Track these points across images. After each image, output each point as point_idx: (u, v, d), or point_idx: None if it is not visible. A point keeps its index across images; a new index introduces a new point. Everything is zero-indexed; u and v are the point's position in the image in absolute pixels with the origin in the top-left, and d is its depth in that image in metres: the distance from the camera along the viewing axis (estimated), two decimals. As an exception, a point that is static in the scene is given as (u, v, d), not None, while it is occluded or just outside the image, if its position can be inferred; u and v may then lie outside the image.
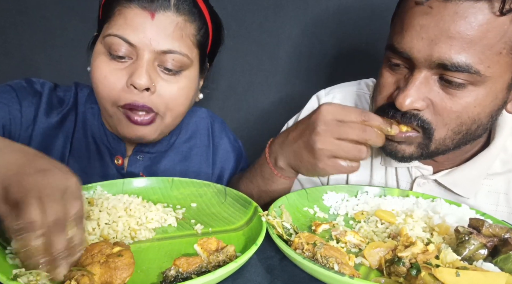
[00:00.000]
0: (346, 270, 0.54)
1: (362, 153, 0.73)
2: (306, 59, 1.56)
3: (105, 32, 0.82)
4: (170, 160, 1.03)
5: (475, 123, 0.75)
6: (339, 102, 1.04)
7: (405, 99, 0.73)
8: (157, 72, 0.83)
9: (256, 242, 0.59)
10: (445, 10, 0.68)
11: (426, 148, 0.78)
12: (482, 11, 0.67)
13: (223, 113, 1.21)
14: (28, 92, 0.91)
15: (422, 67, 0.72)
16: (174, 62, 0.83)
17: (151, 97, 0.83)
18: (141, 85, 0.80)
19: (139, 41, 0.80)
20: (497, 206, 0.88)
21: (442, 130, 0.76)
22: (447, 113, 0.74)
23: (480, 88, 0.71)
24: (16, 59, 1.59)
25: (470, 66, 0.68)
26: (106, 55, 0.82)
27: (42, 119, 0.91)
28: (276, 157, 0.83)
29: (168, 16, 0.81)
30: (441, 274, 0.52)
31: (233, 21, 1.46)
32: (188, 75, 0.87)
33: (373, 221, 0.76)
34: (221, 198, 0.82)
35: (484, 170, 0.86)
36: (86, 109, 0.96)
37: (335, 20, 1.51)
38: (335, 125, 0.72)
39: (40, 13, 1.54)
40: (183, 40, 0.83)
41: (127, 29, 0.80)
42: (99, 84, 0.83)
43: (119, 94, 0.82)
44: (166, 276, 0.54)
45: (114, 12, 0.82)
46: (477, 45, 0.68)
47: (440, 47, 0.69)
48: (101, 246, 0.57)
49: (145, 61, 0.81)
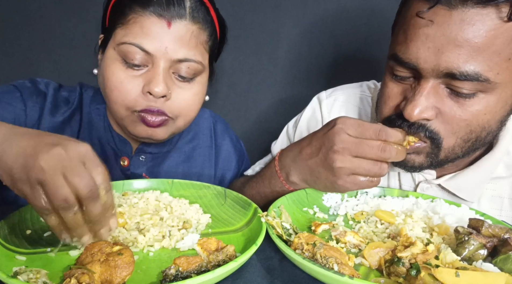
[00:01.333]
0: (346, 270, 0.55)
1: (383, 170, 0.72)
2: (306, 59, 1.57)
3: (120, 40, 0.82)
4: (173, 161, 1.03)
5: (484, 130, 0.74)
6: (342, 104, 1.04)
7: (414, 109, 0.71)
8: (172, 79, 0.84)
9: (256, 242, 0.59)
10: (451, 19, 0.66)
11: (436, 157, 0.77)
12: (489, 17, 0.65)
13: (222, 113, 1.21)
14: (32, 92, 0.91)
15: (430, 77, 0.71)
16: (189, 70, 0.84)
17: (166, 103, 0.84)
18: (158, 93, 0.81)
19: (156, 49, 0.80)
20: (501, 211, 0.87)
21: (451, 139, 0.74)
22: (456, 122, 0.72)
23: (490, 95, 0.70)
24: (16, 59, 1.59)
25: (479, 74, 0.67)
26: (121, 62, 0.82)
27: (47, 119, 0.91)
28: (289, 172, 0.82)
29: (184, 25, 0.82)
30: (441, 274, 0.52)
31: (233, 21, 1.45)
32: (201, 81, 0.89)
33: (372, 221, 0.76)
34: (221, 199, 0.82)
35: (487, 174, 0.85)
36: (92, 110, 0.96)
37: (335, 21, 1.51)
38: (353, 143, 0.71)
39: (39, 14, 1.54)
40: (198, 48, 0.84)
41: (144, 38, 0.80)
42: (114, 89, 0.83)
43: (135, 100, 0.83)
44: (166, 274, 0.54)
45: (128, 20, 0.81)
46: (486, 52, 0.66)
47: (448, 56, 0.67)
48: (101, 244, 0.57)
49: (162, 69, 0.81)
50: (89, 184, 0.52)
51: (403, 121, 0.75)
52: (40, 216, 0.56)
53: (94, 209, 0.54)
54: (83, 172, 0.52)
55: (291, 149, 0.83)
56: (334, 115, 1.03)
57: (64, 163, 0.51)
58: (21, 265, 0.54)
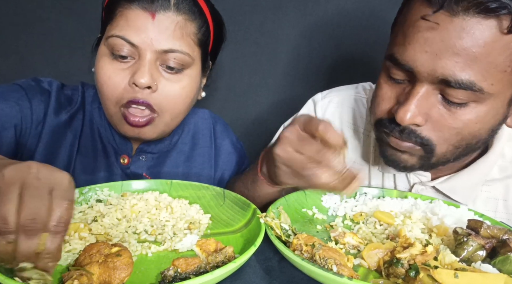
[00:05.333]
0: (345, 271, 0.54)
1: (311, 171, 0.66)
2: (305, 61, 1.57)
3: (108, 34, 0.84)
4: (173, 161, 1.03)
5: (475, 138, 0.74)
6: (336, 106, 1.05)
7: (406, 114, 0.71)
8: (159, 71, 0.85)
9: (255, 243, 0.59)
10: (451, 25, 0.66)
11: (428, 160, 0.78)
12: (489, 29, 0.65)
13: (221, 114, 1.21)
14: (37, 91, 0.91)
15: (424, 82, 0.71)
16: (176, 60, 0.84)
17: (152, 94, 0.84)
18: (142, 84, 0.81)
19: (141, 41, 0.81)
20: (496, 212, 0.87)
21: (443, 145, 0.75)
22: (447, 129, 0.73)
23: (482, 105, 0.70)
24: (14, 60, 1.59)
25: (474, 83, 0.67)
26: (109, 56, 0.84)
27: (52, 118, 0.91)
28: (262, 162, 0.82)
29: (168, 16, 0.82)
30: (440, 275, 0.52)
31: (232, 22, 1.45)
32: (190, 73, 0.89)
33: (371, 222, 0.76)
34: (220, 200, 0.82)
35: (482, 176, 0.85)
36: (93, 109, 0.97)
37: (334, 22, 1.51)
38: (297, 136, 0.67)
39: (37, 14, 1.55)
40: (184, 39, 0.85)
41: (129, 30, 0.81)
42: (103, 84, 0.84)
43: (122, 93, 0.84)
44: (165, 276, 0.54)
45: (115, 14, 0.84)
46: (482, 62, 0.66)
47: (445, 63, 0.67)
48: (100, 246, 0.57)
49: (147, 61, 0.82)
50: (37, 211, 0.44)
51: (395, 126, 0.75)
52: None
53: (23, 245, 0.44)
54: (40, 195, 0.45)
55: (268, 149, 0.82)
56: (328, 117, 1.04)
57: (28, 179, 0.45)
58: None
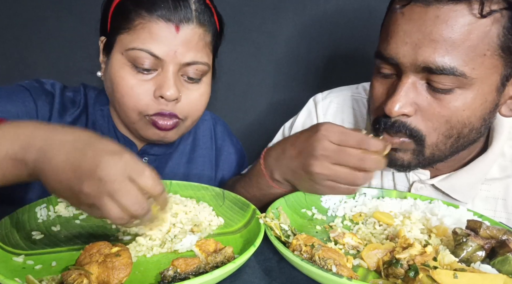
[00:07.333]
0: (344, 271, 0.54)
1: (359, 179, 0.72)
2: (304, 61, 1.57)
3: (128, 45, 0.82)
4: (174, 162, 1.03)
5: (466, 127, 0.76)
6: (337, 106, 1.05)
7: (394, 105, 0.74)
8: (181, 82, 0.85)
9: (254, 244, 0.59)
10: (426, 15, 0.70)
11: (422, 154, 0.78)
12: (462, 14, 0.68)
13: (221, 114, 1.20)
14: (41, 92, 0.90)
15: (409, 72, 0.74)
16: (197, 71, 0.86)
17: (176, 105, 0.85)
18: (171, 97, 0.82)
19: (165, 54, 0.81)
20: (495, 212, 0.87)
21: (433, 135, 0.76)
22: (436, 118, 0.74)
23: (468, 91, 0.72)
24: (13, 60, 1.59)
25: (455, 68, 0.70)
26: (131, 67, 0.83)
27: (56, 120, 0.91)
28: (273, 170, 0.82)
29: (191, 28, 0.82)
30: (439, 276, 0.52)
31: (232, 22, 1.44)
32: (206, 81, 0.90)
33: (371, 222, 0.76)
34: (219, 201, 0.82)
35: (481, 175, 0.86)
36: (96, 111, 0.96)
37: (333, 22, 1.51)
38: (333, 151, 0.71)
39: (37, 14, 1.54)
40: (204, 50, 0.86)
41: (153, 43, 0.80)
42: (125, 95, 0.83)
43: (147, 105, 0.84)
44: (164, 276, 0.54)
45: (134, 25, 0.81)
46: (460, 47, 0.69)
47: (424, 50, 0.70)
48: (100, 245, 0.57)
49: (171, 73, 0.82)
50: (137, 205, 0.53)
51: (386, 120, 0.77)
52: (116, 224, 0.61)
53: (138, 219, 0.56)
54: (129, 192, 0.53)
55: (275, 148, 0.84)
56: (329, 117, 1.05)
57: (108, 185, 0.51)
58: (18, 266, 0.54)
